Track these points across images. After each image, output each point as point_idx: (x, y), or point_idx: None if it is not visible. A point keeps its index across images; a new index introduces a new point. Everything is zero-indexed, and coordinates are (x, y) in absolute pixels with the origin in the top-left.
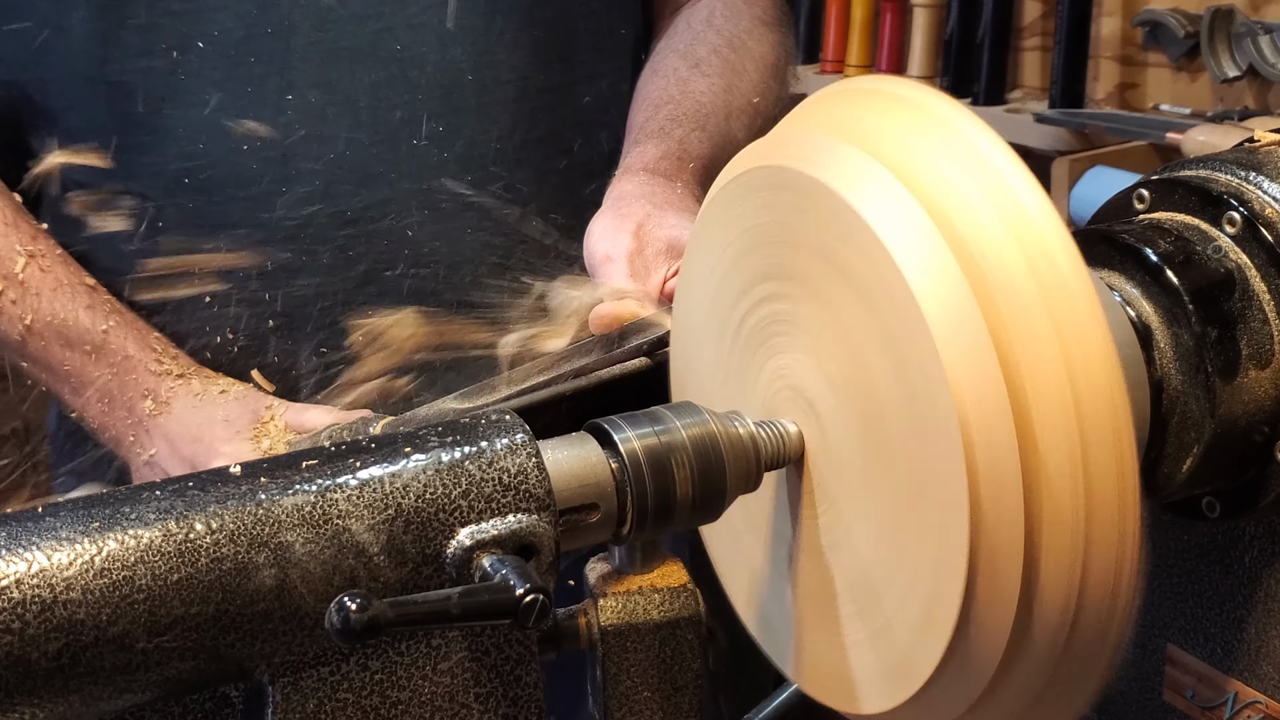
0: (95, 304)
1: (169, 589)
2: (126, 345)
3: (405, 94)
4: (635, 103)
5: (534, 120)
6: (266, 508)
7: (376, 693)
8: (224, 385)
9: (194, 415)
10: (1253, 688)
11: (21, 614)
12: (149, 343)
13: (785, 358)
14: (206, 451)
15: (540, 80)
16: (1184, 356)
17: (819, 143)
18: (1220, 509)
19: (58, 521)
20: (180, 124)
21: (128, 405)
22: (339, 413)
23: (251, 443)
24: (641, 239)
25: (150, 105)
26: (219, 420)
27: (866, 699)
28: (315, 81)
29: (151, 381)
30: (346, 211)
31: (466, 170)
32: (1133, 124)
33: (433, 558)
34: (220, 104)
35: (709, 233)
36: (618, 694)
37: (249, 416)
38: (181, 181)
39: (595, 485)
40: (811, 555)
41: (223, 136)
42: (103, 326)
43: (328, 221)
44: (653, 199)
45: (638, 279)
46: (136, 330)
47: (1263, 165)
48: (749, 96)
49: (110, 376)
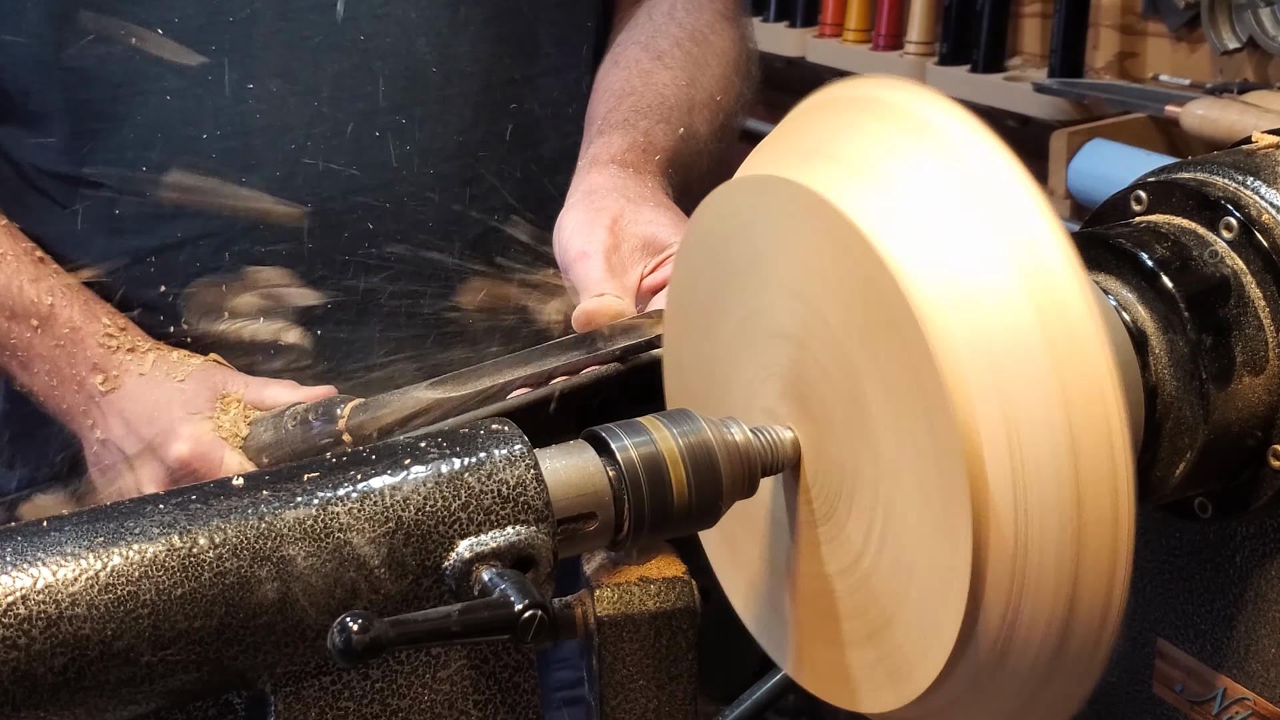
0: (41, 275)
1: (173, 603)
2: (74, 317)
3: (367, 85)
4: (596, 93)
5: (496, 113)
6: (269, 521)
7: (377, 701)
8: (179, 358)
9: (148, 393)
10: (1241, 684)
11: (28, 630)
12: (97, 314)
13: (779, 359)
14: (164, 433)
15: (503, 73)
16: (1179, 363)
17: (818, 149)
18: (1212, 510)
19: (62, 536)
20: (138, 111)
21: (77, 380)
22: (302, 389)
23: (211, 422)
24: (617, 235)
25: (107, 92)
26: (176, 400)
27: (867, 698)
28: (276, 71)
29: (100, 355)
30: (307, 202)
31: (428, 163)
32: (1132, 95)
33: (432, 570)
34: (179, 91)
35: (709, 239)
36: (613, 682)
37: (207, 394)
38: (139, 170)
39: (593, 494)
40: (809, 557)
41: (181, 125)
42: (49, 299)
43: (287, 211)
44: (625, 193)
45: (615, 275)
46: (84, 302)
47: (1260, 169)
48: (711, 91)
49: (58, 349)
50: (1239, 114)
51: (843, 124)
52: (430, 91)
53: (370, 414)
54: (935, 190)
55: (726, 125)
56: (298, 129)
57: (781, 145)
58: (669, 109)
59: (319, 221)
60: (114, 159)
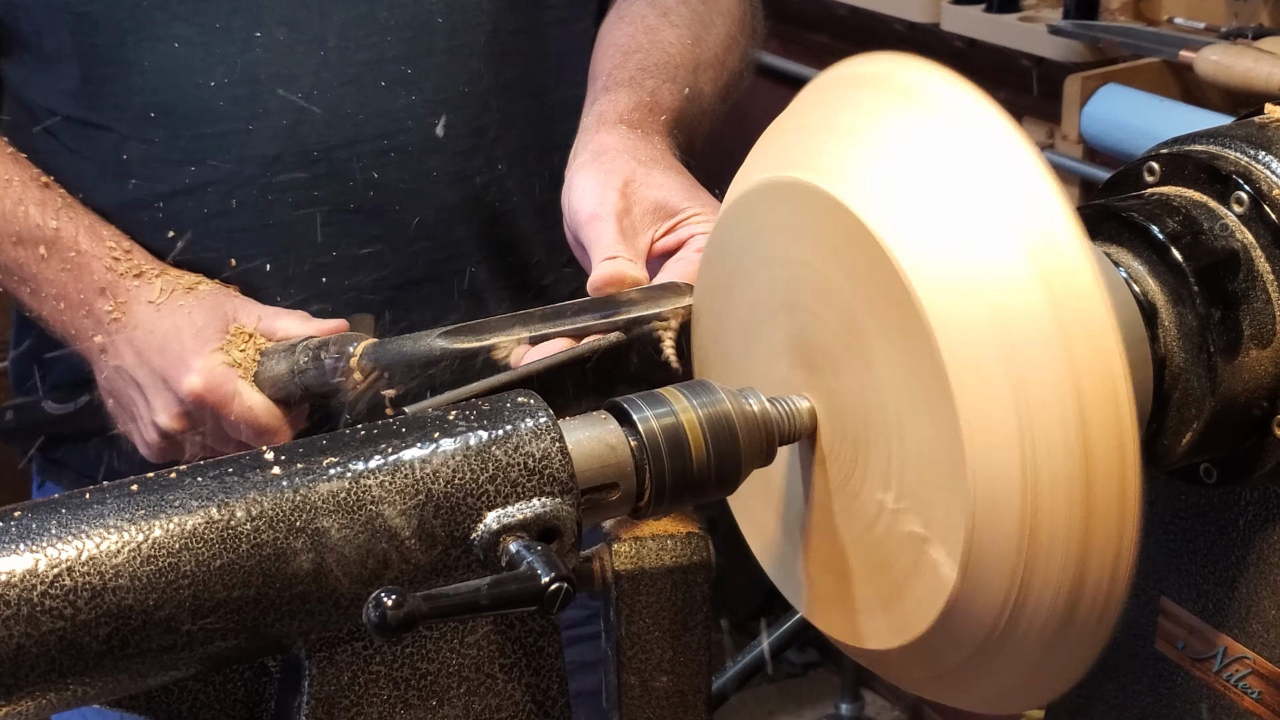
0: (46, 200)
1: (212, 574)
2: (79, 240)
3: (374, 35)
4: (600, 48)
5: (502, 64)
6: (303, 495)
7: (407, 665)
8: (189, 283)
9: (159, 322)
10: (1242, 644)
11: (73, 600)
12: (102, 237)
13: (787, 329)
14: (176, 364)
15: (510, 23)
16: (1187, 335)
17: (834, 147)
18: (1217, 475)
19: (105, 509)
20: (146, 57)
21: (86, 305)
22: (315, 321)
23: (222, 354)
24: (629, 198)
25: (115, 37)
26: (186, 330)
27: (869, 636)
28: (283, 19)
29: (108, 279)
30: (313, 151)
31: (434, 113)
32: (1147, 39)
33: (460, 540)
34: (187, 39)
35: None
36: (630, 634)
37: (218, 323)
38: (148, 115)
39: (616, 465)
40: (822, 516)
41: (189, 72)
42: (54, 223)
43: (294, 161)
44: (636, 155)
45: (626, 239)
46: (88, 226)
47: (1272, 143)
48: (716, 51)
49: (65, 273)
50: (1253, 61)
51: (846, 102)
52: (438, 41)
53: (381, 356)
54: (930, 159)
55: (731, 85)
56: (304, 78)
57: (785, 129)
58: (675, 68)
59: (325, 170)
60: (122, 104)
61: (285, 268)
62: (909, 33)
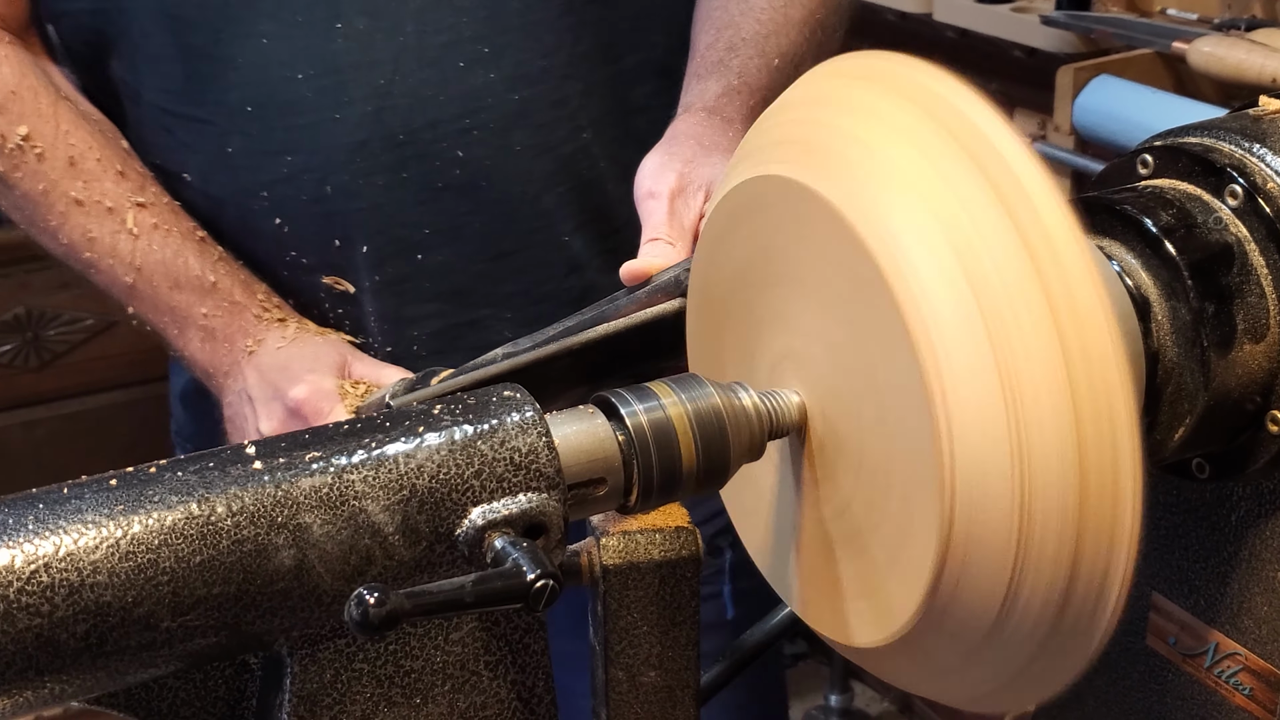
0: (204, 253)
1: (192, 571)
2: (234, 292)
3: (450, 16)
4: (697, 18)
5: (579, 34)
6: (285, 489)
7: (391, 662)
8: (318, 330)
9: (286, 349)
10: (1233, 640)
11: (50, 597)
12: (254, 290)
13: (789, 325)
14: (290, 378)
15: None
16: (1181, 330)
17: (827, 145)
18: (1210, 471)
19: (83, 504)
20: (238, 54)
21: (228, 340)
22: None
23: (335, 380)
24: (685, 178)
25: (210, 36)
26: (309, 354)
27: (856, 631)
28: (362, 9)
29: (254, 325)
30: (399, 134)
31: (514, 88)
32: (1139, 30)
33: (445, 536)
34: (273, 34)
35: None
36: (618, 628)
37: (336, 357)
38: (244, 110)
39: (603, 460)
40: (812, 510)
41: (276, 66)
42: (211, 276)
43: (381, 145)
44: (702, 140)
45: (675, 217)
46: (243, 280)
47: (1267, 136)
48: (810, 7)
49: (216, 315)
50: (1245, 52)
51: (856, 100)
52: (512, 19)
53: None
54: (924, 158)
55: (824, 40)
56: (385, 64)
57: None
58: (764, 37)
59: (412, 152)
60: (221, 100)
61: (380, 247)
62: (901, 23)
